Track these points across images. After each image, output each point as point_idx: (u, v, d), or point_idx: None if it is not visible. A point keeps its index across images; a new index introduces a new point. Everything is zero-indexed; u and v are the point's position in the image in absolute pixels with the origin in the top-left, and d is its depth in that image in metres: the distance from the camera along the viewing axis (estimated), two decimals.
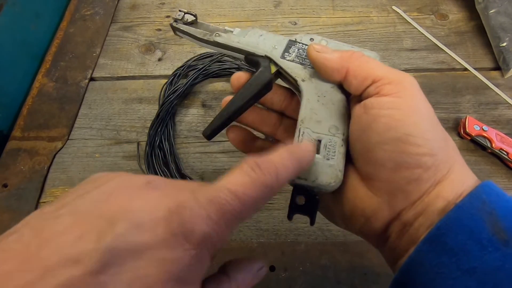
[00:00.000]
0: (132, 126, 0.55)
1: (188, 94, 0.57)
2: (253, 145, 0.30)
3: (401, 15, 0.66)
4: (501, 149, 0.48)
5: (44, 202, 0.48)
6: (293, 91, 0.29)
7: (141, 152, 0.52)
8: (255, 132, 0.31)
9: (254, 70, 0.27)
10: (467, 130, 0.50)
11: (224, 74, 0.59)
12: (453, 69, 0.59)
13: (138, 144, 0.52)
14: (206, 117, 0.55)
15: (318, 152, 0.24)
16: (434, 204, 0.21)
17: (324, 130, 0.25)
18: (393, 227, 0.22)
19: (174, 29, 0.29)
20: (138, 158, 0.51)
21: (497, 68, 0.59)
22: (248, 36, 0.28)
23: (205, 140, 0.53)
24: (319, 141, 0.24)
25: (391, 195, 0.22)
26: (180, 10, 0.29)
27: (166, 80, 0.57)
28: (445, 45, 0.62)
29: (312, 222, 0.24)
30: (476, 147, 0.51)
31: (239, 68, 0.58)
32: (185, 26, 0.29)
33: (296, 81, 0.26)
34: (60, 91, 0.58)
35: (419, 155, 0.20)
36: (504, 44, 0.58)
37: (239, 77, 0.27)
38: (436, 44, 0.62)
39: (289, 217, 0.25)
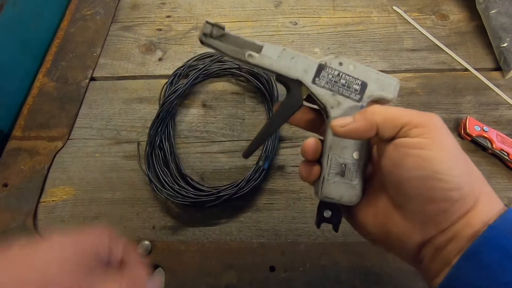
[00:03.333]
0: (132, 126, 0.55)
1: (188, 94, 0.57)
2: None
3: (402, 15, 0.66)
4: (501, 149, 0.48)
5: (44, 202, 0.49)
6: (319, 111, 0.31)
7: (141, 152, 0.52)
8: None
9: (285, 89, 0.29)
10: (467, 130, 0.50)
11: (225, 74, 0.59)
12: (454, 70, 0.59)
13: (139, 144, 0.53)
14: (206, 117, 0.55)
15: (343, 175, 0.28)
16: (463, 232, 0.23)
17: (348, 156, 0.28)
18: (426, 251, 0.24)
19: (203, 43, 0.29)
20: (138, 158, 0.51)
21: (498, 68, 0.59)
22: (280, 59, 0.28)
23: (205, 140, 0.53)
24: (345, 165, 0.28)
25: (422, 223, 0.24)
26: (207, 22, 0.28)
27: (167, 80, 0.57)
28: (446, 46, 0.61)
29: (336, 230, 0.29)
30: (476, 147, 0.51)
31: (239, 69, 0.58)
32: (215, 41, 0.28)
33: (325, 107, 0.28)
34: (60, 90, 0.59)
35: (446, 190, 0.22)
36: (505, 44, 0.57)
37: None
38: (437, 45, 0.62)
39: (318, 225, 0.30)
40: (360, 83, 0.29)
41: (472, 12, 0.65)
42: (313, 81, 0.28)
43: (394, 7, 0.67)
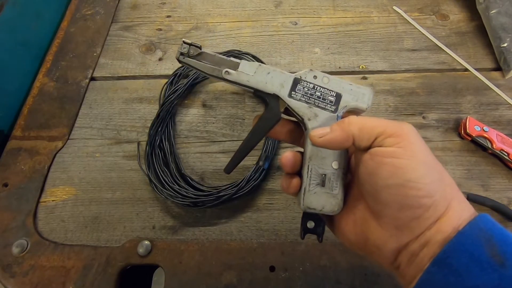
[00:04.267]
0: (132, 126, 0.55)
1: (188, 94, 0.57)
2: None
3: (402, 16, 0.66)
4: (501, 149, 0.48)
5: (44, 202, 0.49)
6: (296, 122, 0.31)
7: (141, 152, 0.52)
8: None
9: (263, 103, 0.30)
10: (467, 130, 0.50)
11: None
12: (454, 70, 0.59)
13: (139, 144, 0.53)
14: (206, 117, 0.55)
15: (323, 185, 0.28)
16: (434, 238, 0.24)
17: (328, 166, 0.29)
18: (402, 257, 0.25)
19: (180, 62, 0.30)
20: (138, 157, 0.51)
21: (498, 68, 0.59)
22: (257, 74, 0.29)
23: (205, 140, 0.53)
24: (324, 175, 0.28)
25: (397, 229, 0.25)
26: (184, 42, 0.29)
27: (167, 80, 0.57)
28: (446, 46, 0.61)
29: (320, 240, 0.30)
30: (476, 147, 0.51)
31: None
32: (192, 60, 0.29)
33: (303, 119, 0.29)
34: (60, 90, 0.59)
35: (419, 197, 0.23)
36: (505, 44, 0.57)
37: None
38: (437, 45, 0.62)
39: (302, 237, 0.30)
40: (334, 95, 0.30)
41: (472, 12, 0.65)
42: (290, 95, 0.29)
43: (394, 7, 0.67)
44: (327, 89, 0.30)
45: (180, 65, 0.59)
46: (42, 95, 0.58)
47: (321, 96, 0.29)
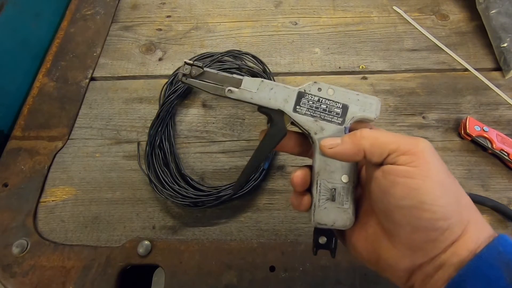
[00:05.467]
0: (132, 126, 0.55)
1: (188, 94, 0.57)
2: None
3: (402, 16, 0.66)
4: (501, 149, 0.48)
5: (44, 202, 0.49)
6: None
7: (141, 152, 0.52)
8: None
9: (268, 118, 0.30)
10: (467, 130, 0.50)
11: None
12: (454, 70, 0.59)
13: (139, 144, 0.53)
14: (206, 117, 0.55)
15: (333, 199, 0.28)
16: (450, 260, 0.23)
17: (337, 180, 0.28)
18: (416, 277, 0.24)
19: (184, 83, 0.30)
20: (138, 158, 0.51)
21: (498, 68, 0.59)
22: (260, 91, 0.29)
23: (205, 140, 0.53)
24: (334, 189, 0.28)
25: (410, 250, 0.24)
26: (186, 63, 0.29)
27: (167, 80, 0.57)
28: (446, 46, 0.61)
29: (333, 256, 0.29)
30: (476, 147, 0.51)
31: (239, 69, 0.58)
32: (194, 81, 0.29)
33: (309, 133, 0.29)
34: (60, 90, 0.59)
35: (434, 220, 0.22)
36: (505, 44, 0.57)
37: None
38: (437, 45, 0.62)
39: (315, 253, 0.30)
40: (341, 106, 0.29)
41: (472, 12, 0.65)
42: (294, 109, 0.29)
43: (394, 7, 0.67)
44: (333, 101, 0.29)
45: (180, 65, 0.59)
46: (42, 95, 0.58)
47: (327, 109, 0.29)
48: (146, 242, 0.44)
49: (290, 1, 0.69)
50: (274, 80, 0.55)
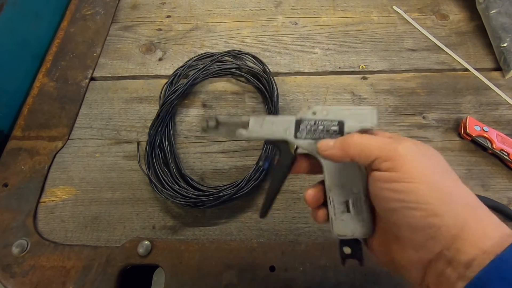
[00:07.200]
0: (132, 126, 0.55)
1: (188, 94, 0.57)
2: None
3: (402, 15, 0.66)
4: (501, 149, 0.48)
5: (44, 202, 0.49)
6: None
7: (141, 152, 0.52)
8: None
9: (277, 149, 0.33)
10: (467, 130, 0.50)
11: (225, 74, 0.59)
12: (454, 70, 0.59)
13: (139, 144, 0.53)
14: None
15: (349, 210, 0.29)
16: (457, 258, 0.23)
17: (348, 192, 0.29)
18: (429, 277, 0.25)
19: (204, 133, 0.35)
20: (138, 158, 0.51)
21: (498, 68, 0.59)
22: (264, 127, 0.32)
23: (205, 140, 0.53)
24: (347, 201, 0.29)
25: (415, 250, 0.25)
26: (203, 120, 0.34)
27: (167, 80, 0.57)
28: (446, 46, 0.61)
29: (362, 264, 0.30)
30: (476, 147, 0.51)
31: (239, 69, 0.58)
32: (212, 131, 0.34)
33: (314, 154, 0.31)
34: (60, 90, 0.59)
35: (425, 217, 0.23)
36: (505, 44, 0.57)
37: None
38: (437, 45, 0.62)
39: (343, 264, 0.31)
40: (337, 124, 0.30)
41: (472, 12, 0.65)
42: (296, 136, 0.31)
43: (394, 7, 0.67)
44: (329, 121, 0.30)
45: (180, 65, 0.59)
46: (42, 95, 0.58)
47: (324, 129, 0.30)
48: (146, 242, 0.44)
49: (290, 1, 0.69)
50: (274, 80, 0.55)
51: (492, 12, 0.60)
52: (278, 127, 0.32)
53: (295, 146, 0.31)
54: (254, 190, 0.48)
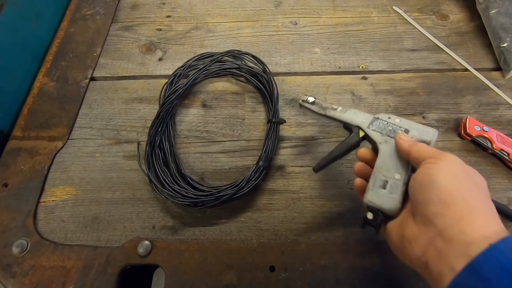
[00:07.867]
0: (132, 126, 0.55)
1: (188, 94, 0.57)
2: None
3: (402, 15, 0.66)
4: (501, 149, 0.48)
5: (44, 202, 0.49)
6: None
7: (141, 152, 0.52)
8: None
9: (349, 132, 0.42)
10: (467, 130, 0.50)
11: (225, 74, 0.59)
12: (454, 70, 0.59)
13: (139, 144, 0.53)
14: (206, 117, 0.55)
15: (385, 187, 0.35)
16: (459, 238, 0.27)
17: (390, 175, 0.36)
18: (429, 252, 0.29)
19: (301, 106, 0.46)
20: (138, 158, 0.51)
21: (498, 68, 0.59)
22: (347, 113, 0.42)
23: (205, 140, 0.53)
24: (387, 181, 0.35)
25: (424, 225, 0.30)
26: (305, 95, 0.46)
27: (167, 80, 0.57)
28: (446, 46, 0.61)
29: (377, 232, 0.36)
30: (476, 147, 0.51)
31: (239, 68, 0.58)
32: (309, 105, 0.45)
33: (375, 143, 0.39)
34: (60, 90, 0.59)
35: (440, 194, 0.29)
36: (505, 44, 0.57)
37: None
38: (437, 45, 0.62)
39: (363, 227, 0.36)
40: (403, 130, 0.38)
41: (472, 12, 0.65)
42: (368, 127, 0.40)
43: (394, 7, 0.67)
44: (398, 126, 0.39)
45: (180, 65, 0.59)
46: (42, 95, 0.58)
47: (392, 129, 0.39)
48: (146, 242, 0.44)
49: (290, 1, 0.69)
50: (274, 80, 0.55)
51: (492, 12, 0.60)
52: (358, 117, 0.41)
53: (363, 134, 0.40)
54: (254, 190, 0.48)
